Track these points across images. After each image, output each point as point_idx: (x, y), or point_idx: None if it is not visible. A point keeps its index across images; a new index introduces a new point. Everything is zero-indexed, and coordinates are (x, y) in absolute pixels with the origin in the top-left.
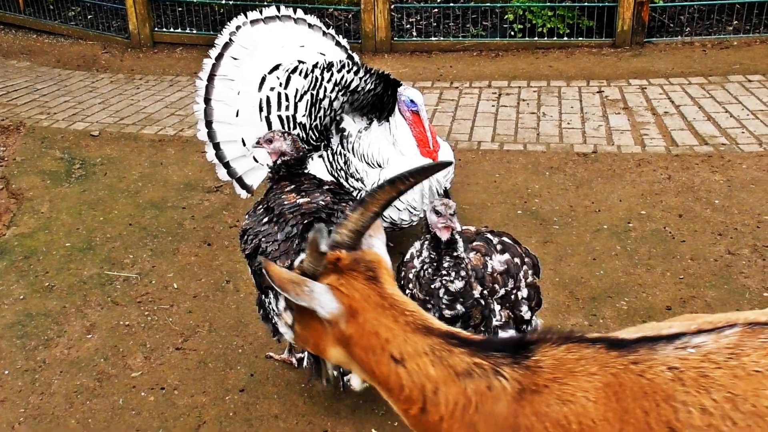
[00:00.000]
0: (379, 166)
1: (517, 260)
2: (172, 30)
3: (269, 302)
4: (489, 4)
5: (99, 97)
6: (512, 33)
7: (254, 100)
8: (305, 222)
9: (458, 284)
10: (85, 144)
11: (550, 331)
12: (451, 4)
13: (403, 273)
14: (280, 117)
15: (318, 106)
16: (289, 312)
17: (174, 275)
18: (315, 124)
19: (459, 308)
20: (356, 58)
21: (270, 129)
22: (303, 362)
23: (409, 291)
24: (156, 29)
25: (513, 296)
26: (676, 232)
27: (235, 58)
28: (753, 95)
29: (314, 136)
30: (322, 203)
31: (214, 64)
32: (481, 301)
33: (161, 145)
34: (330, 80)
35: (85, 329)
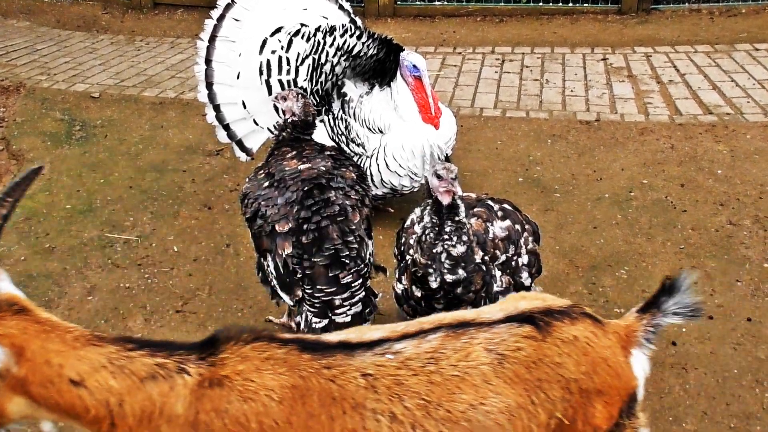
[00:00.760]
0: (380, 132)
1: (518, 227)
2: None
3: (268, 265)
4: None
5: (99, 59)
6: None
7: (255, 62)
8: (305, 189)
9: (460, 249)
10: (85, 106)
11: (242, 329)
12: None
13: (403, 239)
14: (280, 81)
15: (319, 70)
16: None
17: (174, 238)
18: (316, 88)
19: (461, 273)
20: (359, 22)
21: (270, 93)
22: (301, 326)
23: (410, 257)
24: None
25: (513, 263)
26: (677, 201)
27: (236, 20)
28: (760, 64)
29: (315, 101)
30: (323, 169)
31: (215, 25)
32: (483, 267)
33: (162, 108)
34: (332, 44)
35: (85, 291)
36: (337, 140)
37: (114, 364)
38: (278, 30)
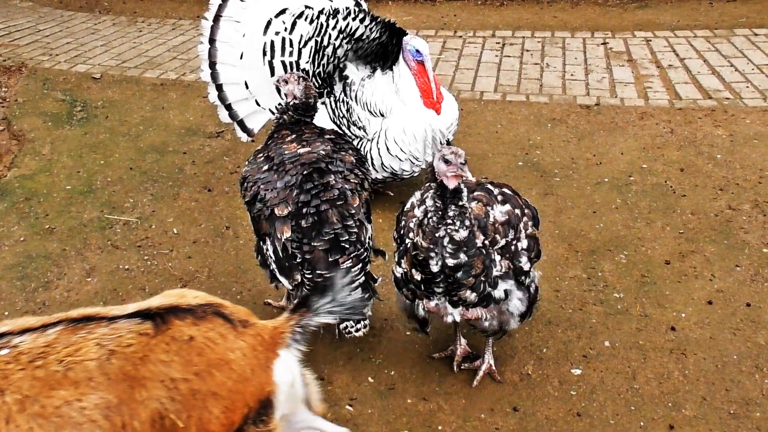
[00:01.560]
0: (382, 115)
1: (518, 211)
2: None
3: (267, 249)
4: None
5: (101, 40)
6: None
7: (258, 43)
8: (304, 173)
9: (463, 233)
10: (86, 86)
11: None
12: None
13: (403, 222)
14: (283, 62)
15: (322, 53)
16: None
17: (174, 220)
18: (318, 71)
19: (462, 257)
20: (364, 5)
21: (273, 74)
22: None
23: (410, 240)
24: None
25: (513, 247)
26: (677, 186)
27: (242, 0)
28: (759, 49)
29: (317, 83)
30: (323, 153)
31: (220, 5)
32: (483, 251)
33: (163, 89)
34: (335, 27)
35: (84, 272)
36: (338, 123)
37: None
38: (283, 11)
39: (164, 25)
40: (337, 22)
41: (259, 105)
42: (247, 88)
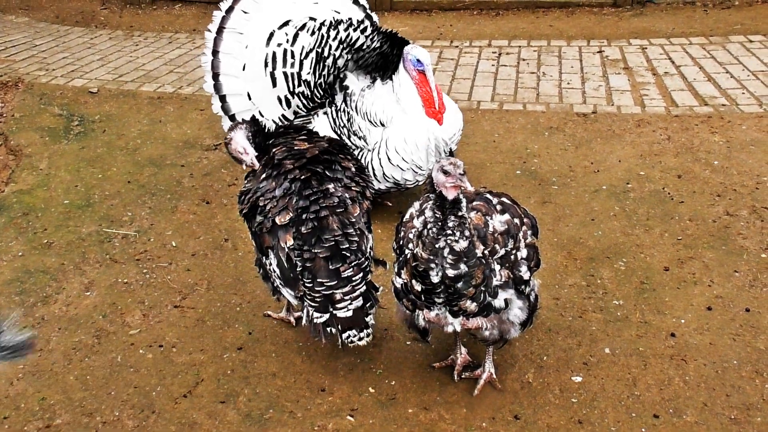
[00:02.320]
0: (382, 125)
1: (517, 221)
2: None
3: (270, 263)
4: None
5: (98, 54)
6: None
7: (261, 54)
8: (302, 178)
9: (463, 244)
10: (83, 101)
11: None
12: None
13: (402, 233)
14: (284, 73)
15: (322, 63)
16: None
17: (172, 233)
18: (319, 81)
19: (462, 268)
20: (375, 17)
21: (274, 85)
22: (301, 321)
23: (409, 251)
24: None
25: (512, 256)
26: (674, 192)
27: (245, 12)
28: (754, 56)
29: (319, 94)
30: (325, 146)
31: (223, 17)
32: (483, 261)
33: (160, 103)
34: (335, 38)
35: (83, 286)
36: (339, 132)
37: None
38: (286, 23)
39: (161, 38)
40: (338, 33)
41: (262, 116)
42: (249, 99)
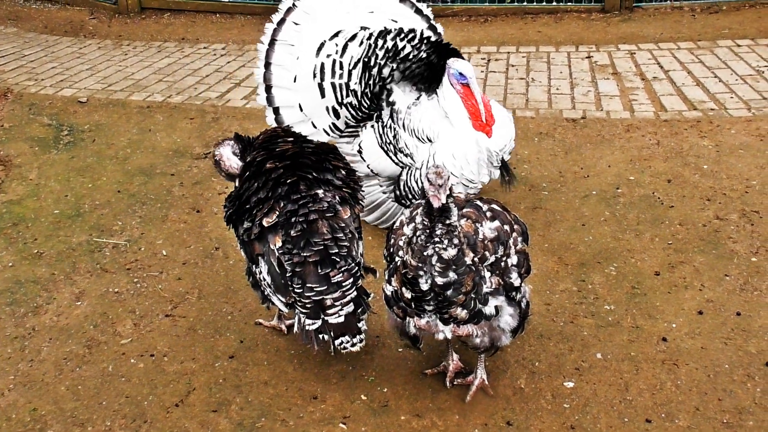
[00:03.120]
0: (430, 141)
1: (507, 227)
2: None
3: (259, 271)
4: None
5: (87, 64)
6: None
7: (310, 65)
8: (289, 182)
9: (451, 252)
10: (73, 110)
11: None
12: None
13: (392, 240)
14: (333, 84)
15: (368, 73)
16: None
17: (163, 242)
18: (366, 90)
19: (451, 275)
20: (439, 27)
21: (323, 96)
22: (293, 329)
23: (399, 258)
24: None
25: (503, 263)
26: (664, 197)
27: (296, 23)
28: (742, 60)
29: (366, 104)
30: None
31: (275, 29)
32: (473, 268)
33: (149, 112)
34: (382, 47)
35: (74, 296)
36: (385, 148)
37: None
38: (337, 34)
39: (149, 48)
40: (385, 42)
41: (315, 127)
42: (301, 110)
